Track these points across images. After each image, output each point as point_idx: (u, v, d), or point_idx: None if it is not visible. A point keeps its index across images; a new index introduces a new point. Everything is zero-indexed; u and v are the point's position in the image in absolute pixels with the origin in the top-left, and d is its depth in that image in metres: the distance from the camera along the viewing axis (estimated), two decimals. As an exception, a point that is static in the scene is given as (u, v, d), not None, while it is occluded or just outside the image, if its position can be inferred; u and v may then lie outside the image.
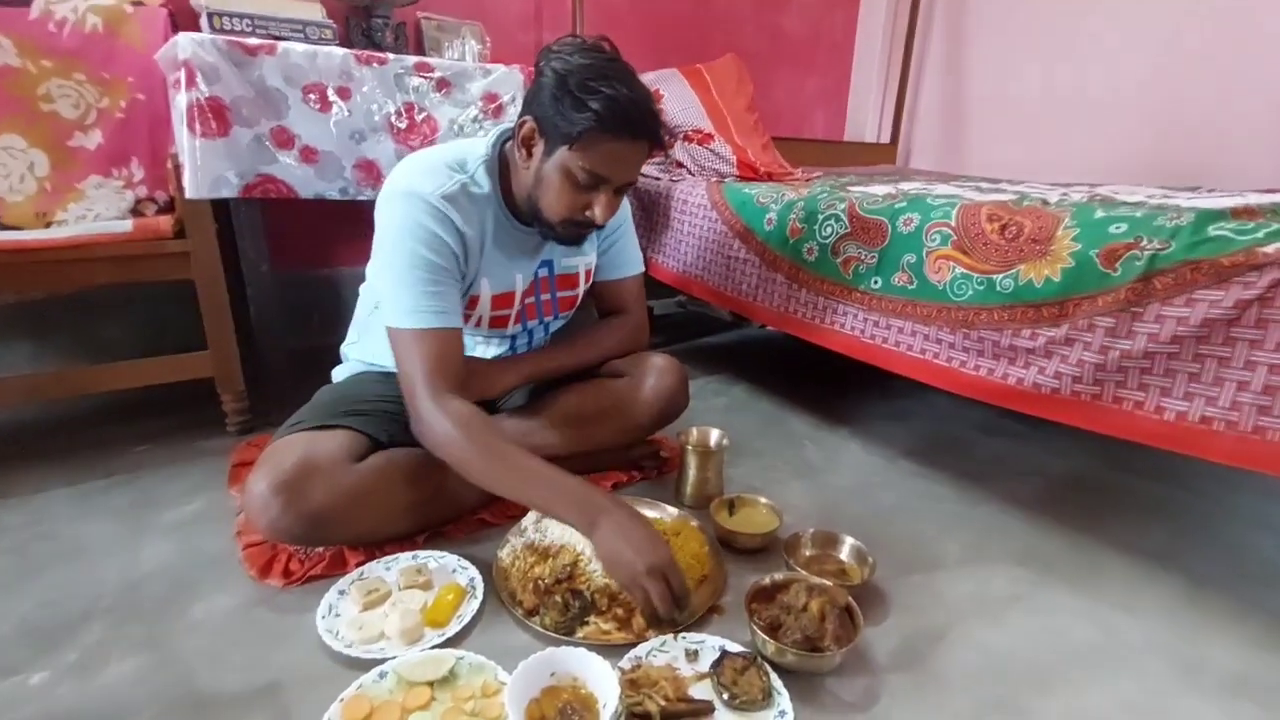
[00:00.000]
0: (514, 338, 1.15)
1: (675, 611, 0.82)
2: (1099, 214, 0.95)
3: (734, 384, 1.76)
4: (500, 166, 1.01)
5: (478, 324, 1.07)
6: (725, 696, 0.73)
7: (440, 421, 0.88)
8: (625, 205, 1.23)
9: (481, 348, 1.14)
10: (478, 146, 1.01)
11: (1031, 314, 0.99)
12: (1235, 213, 0.85)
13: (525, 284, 1.08)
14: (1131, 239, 0.90)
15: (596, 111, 0.85)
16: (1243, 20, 1.81)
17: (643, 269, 1.27)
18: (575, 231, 0.99)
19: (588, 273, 1.18)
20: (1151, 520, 1.16)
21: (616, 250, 1.21)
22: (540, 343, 1.22)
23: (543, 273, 1.12)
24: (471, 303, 1.04)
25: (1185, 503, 1.23)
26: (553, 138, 0.90)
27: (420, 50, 1.76)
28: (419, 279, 0.91)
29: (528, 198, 0.98)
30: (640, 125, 0.90)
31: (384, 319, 0.94)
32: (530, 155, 0.94)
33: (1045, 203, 1.07)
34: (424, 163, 0.97)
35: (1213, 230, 0.84)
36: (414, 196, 0.92)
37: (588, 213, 0.95)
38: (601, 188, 0.93)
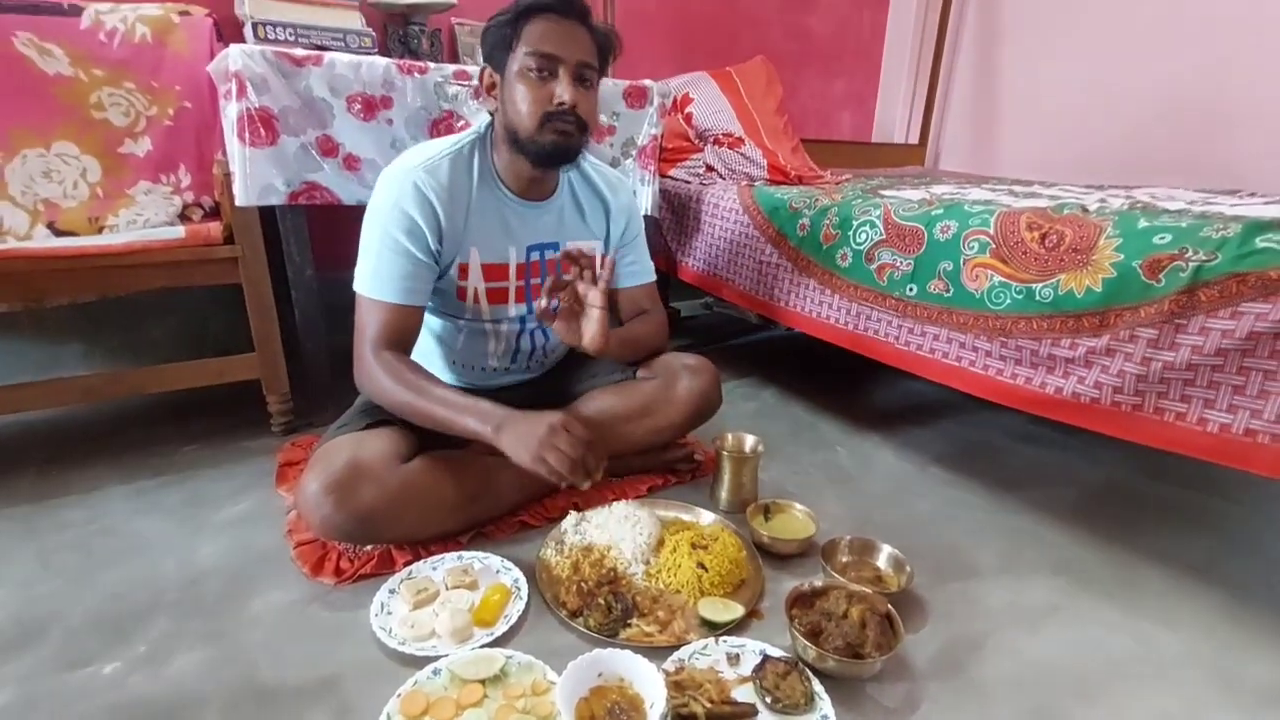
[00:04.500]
0: (522, 320, 1.15)
1: (589, 458, 0.89)
2: (1142, 223, 0.95)
3: (764, 388, 1.77)
4: (492, 141, 1.07)
5: (475, 300, 1.09)
6: (768, 700, 0.75)
7: (374, 368, 0.98)
8: (639, 219, 1.24)
9: (492, 342, 1.15)
10: (480, 128, 1.09)
11: (1071, 324, 0.99)
12: (1282, 223, 0.85)
13: (521, 258, 1.10)
14: (1176, 250, 0.89)
15: (519, 4, 0.95)
16: (1284, 19, 1.78)
17: (654, 278, 1.28)
18: (558, 129, 0.98)
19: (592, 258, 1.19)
20: (1189, 531, 1.16)
21: (629, 260, 1.23)
22: (548, 340, 1.21)
23: (549, 254, 1.13)
24: (462, 272, 1.07)
25: (1224, 513, 1.22)
26: (501, 59, 0.98)
27: (454, 56, 1.79)
28: (392, 260, 0.99)
29: (507, 133, 1.01)
30: (563, 5, 0.96)
31: (355, 283, 1.01)
32: (497, 96, 1.01)
33: (1085, 210, 1.07)
34: (423, 146, 1.06)
35: (1260, 242, 0.83)
36: (399, 174, 0.99)
37: (556, 102, 0.97)
38: (559, 70, 0.97)
